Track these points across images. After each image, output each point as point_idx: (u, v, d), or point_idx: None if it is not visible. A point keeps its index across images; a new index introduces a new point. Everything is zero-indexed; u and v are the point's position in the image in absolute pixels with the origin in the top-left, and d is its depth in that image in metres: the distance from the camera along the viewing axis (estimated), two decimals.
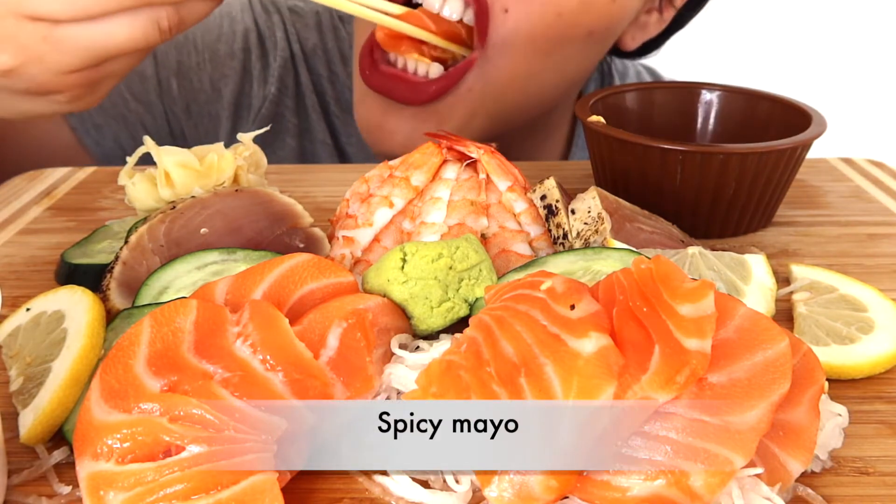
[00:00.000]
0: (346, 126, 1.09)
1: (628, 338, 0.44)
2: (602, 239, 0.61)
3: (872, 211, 0.82)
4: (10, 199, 0.86)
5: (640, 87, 0.88)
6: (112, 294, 0.58)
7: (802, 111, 0.78)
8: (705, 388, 0.43)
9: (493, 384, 0.43)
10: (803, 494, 0.45)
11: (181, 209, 0.63)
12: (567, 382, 0.41)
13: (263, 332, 0.46)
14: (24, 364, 0.52)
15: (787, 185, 0.77)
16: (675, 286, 0.46)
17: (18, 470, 0.47)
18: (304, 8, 1.11)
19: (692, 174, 0.72)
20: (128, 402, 0.43)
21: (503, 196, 0.67)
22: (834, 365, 0.54)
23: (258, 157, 0.74)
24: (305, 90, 1.08)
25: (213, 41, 1.08)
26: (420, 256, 0.55)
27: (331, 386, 0.46)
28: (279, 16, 1.09)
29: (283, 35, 1.08)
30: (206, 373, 0.44)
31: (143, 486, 0.40)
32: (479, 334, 0.46)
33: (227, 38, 1.08)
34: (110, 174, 0.93)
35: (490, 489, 0.41)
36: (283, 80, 1.07)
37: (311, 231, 0.68)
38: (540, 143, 1.07)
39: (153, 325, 0.46)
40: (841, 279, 0.63)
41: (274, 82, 1.07)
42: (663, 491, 0.40)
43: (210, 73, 1.07)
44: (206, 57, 1.08)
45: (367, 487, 0.45)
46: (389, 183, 0.67)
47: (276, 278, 0.52)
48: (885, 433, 0.50)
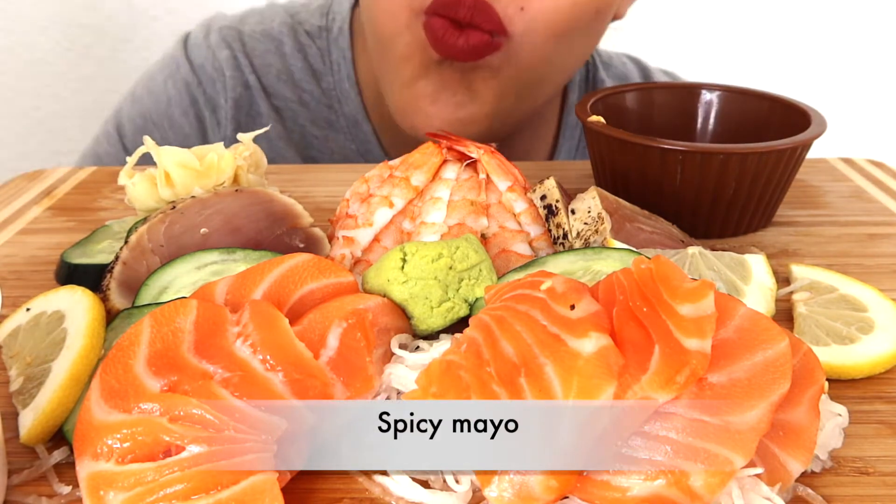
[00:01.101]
0: (326, 142, 1.09)
1: (628, 338, 0.44)
2: (602, 239, 0.61)
3: (872, 211, 0.82)
4: (10, 199, 0.86)
5: (640, 87, 0.88)
6: (112, 294, 0.58)
7: (802, 111, 0.78)
8: (705, 388, 0.43)
9: (493, 384, 0.43)
10: (803, 494, 0.45)
11: (181, 209, 0.63)
12: (567, 382, 0.41)
13: (263, 332, 0.46)
14: (24, 364, 0.52)
15: (787, 185, 0.77)
16: (675, 286, 0.46)
17: (18, 470, 0.47)
18: (265, 32, 1.09)
19: (692, 174, 0.72)
20: (128, 402, 0.43)
21: (503, 196, 0.67)
22: (834, 365, 0.54)
23: (258, 157, 0.74)
24: (267, 120, 1.08)
25: (166, 108, 1.09)
26: (420, 256, 0.55)
27: (331, 386, 0.46)
28: (229, 51, 1.08)
29: (233, 73, 1.07)
30: (206, 373, 0.44)
31: (143, 486, 0.40)
32: (479, 334, 0.46)
33: (176, 99, 1.08)
34: (110, 174, 0.93)
35: (490, 489, 0.41)
36: (238, 119, 1.07)
37: (311, 231, 0.68)
38: (531, 134, 1.08)
39: (153, 325, 0.46)
40: (841, 279, 0.63)
41: (228, 123, 1.07)
42: (663, 491, 0.40)
43: (173, 139, 1.08)
44: (167, 125, 1.09)
45: (367, 487, 0.45)
46: (389, 183, 0.67)
47: (276, 278, 0.52)
48: (885, 433, 0.50)
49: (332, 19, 1.08)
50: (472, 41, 0.83)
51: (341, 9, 1.09)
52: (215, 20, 1.12)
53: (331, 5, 1.10)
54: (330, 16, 1.08)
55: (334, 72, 1.06)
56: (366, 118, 1.06)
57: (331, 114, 1.07)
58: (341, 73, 1.06)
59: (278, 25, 1.09)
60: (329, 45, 1.07)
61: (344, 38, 1.06)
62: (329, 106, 1.07)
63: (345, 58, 1.06)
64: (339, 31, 1.07)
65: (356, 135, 1.07)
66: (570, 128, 1.09)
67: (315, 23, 1.09)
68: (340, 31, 1.07)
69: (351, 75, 1.06)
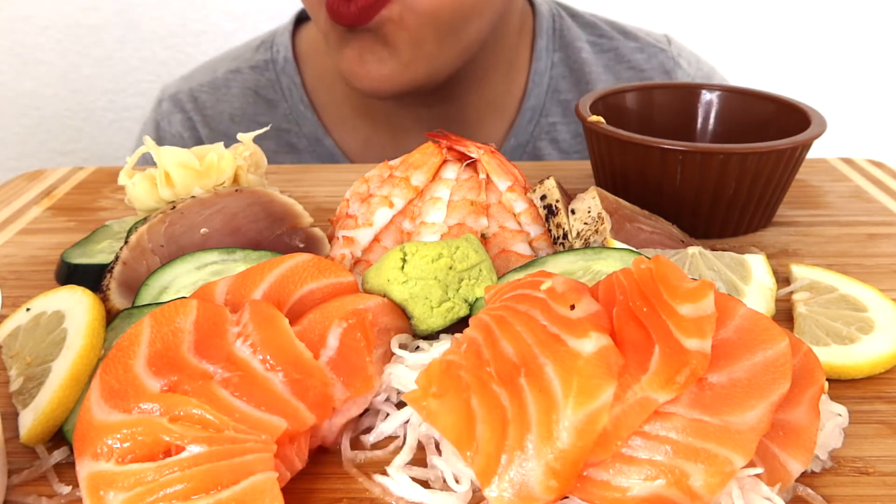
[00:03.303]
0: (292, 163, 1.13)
1: (628, 338, 0.44)
2: (602, 239, 0.61)
3: (872, 211, 0.82)
4: (10, 199, 0.86)
5: (640, 87, 0.88)
6: (112, 294, 0.58)
7: (802, 111, 0.78)
8: (705, 388, 0.43)
9: (493, 384, 0.43)
10: (803, 494, 0.45)
11: (181, 209, 0.63)
12: (567, 382, 0.41)
13: (263, 332, 0.46)
14: (24, 364, 0.52)
15: (787, 185, 0.77)
16: (675, 286, 0.46)
17: (18, 470, 0.47)
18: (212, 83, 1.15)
19: (692, 174, 0.72)
20: (128, 402, 0.43)
21: (503, 196, 0.67)
22: (834, 365, 0.54)
23: (258, 157, 0.74)
24: None
25: None
26: (420, 256, 0.55)
27: (331, 386, 0.46)
28: (182, 114, 1.15)
29: (189, 132, 1.14)
30: (206, 373, 0.44)
31: (143, 486, 0.40)
32: (479, 334, 0.46)
33: None
34: (110, 174, 0.93)
35: (490, 489, 0.41)
36: None
37: (311, 231, 0.68)
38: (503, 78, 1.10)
39: (153, 325, 0.46)
40: (841, 279, 0.63)
41: None
42: (663, 491, 0.40)
43: None
44: None
45: (367, 487, 0.45)
46: (389, 183, 0.67)
47: (276, 278, 0.52)
48: (885, 433, 0.50)
49: (276, 51, 1.14)
50: (361, 3, 0.88)
51: (282, 39, 1.14)
52: (167, 89, 1.19)
53: (273, 39, 1.16)
54: (274, 48, 1.14)
55: (287, 97, 1.12)
56: (326, 134, 1.11)
57: (291, 136, 1.12)
58: (294, 98, 1.12)
59: (223, 74, 1.15)
60: (278, 76, 1.13)
61: (290, 65, 1.12)
62: (288, 130, 1.12)
63: (295, 83, 1.12)
64: (285, 60, 1.13)
65: (319, 151, 1.11)
66: (539, 74, 1.11)
67: (260, 57, 1.15)
68: (286, 59, 1.13)
69: (304, 98, 1.11)
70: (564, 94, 1.12)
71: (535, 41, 1.13)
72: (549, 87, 1.12)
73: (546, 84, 1.12)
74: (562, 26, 1.15)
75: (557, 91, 1.12)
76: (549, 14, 1.14)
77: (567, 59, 1.13)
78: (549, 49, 1.12)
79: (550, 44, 1.12)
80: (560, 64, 1.13)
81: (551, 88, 1.12)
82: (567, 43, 1.14)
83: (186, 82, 1.18)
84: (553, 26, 1.14)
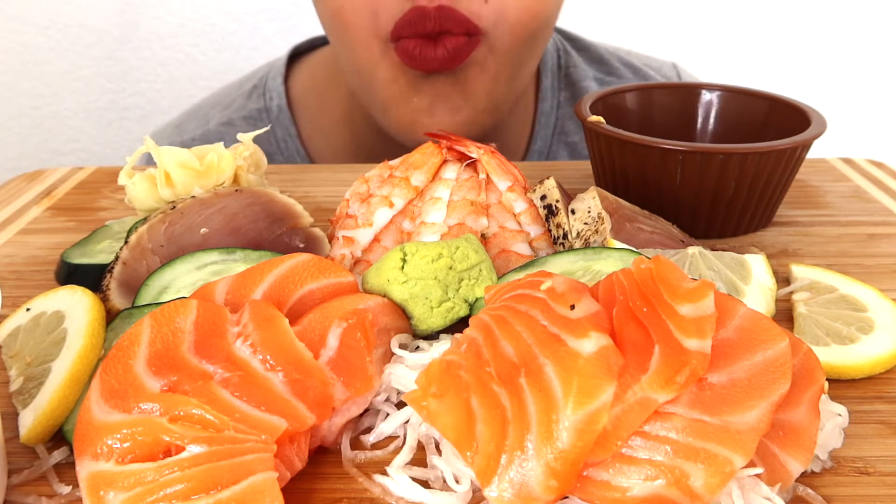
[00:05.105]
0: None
1: (628, 338, 0.44)
2: (602, 239, 0.61)
3: (872, 211, 0.82)
4: (10, 199, 0.86)
5: (640, 87, 0.88)
6: (112, 294, 0.58)
7: (802, 111, 0.78)
8: (705, 388, 0.43)
9: (493, 384, 0.43)
10: (803, 494, 0.45)
11: (181, 209, 0.63)
12: (567, 382, 0.41)
13: (263, 332, 0.46)
14: (24, 364, 0.52)
15: (787, 185, 0.77)
16: (675, 286, 0.46)
17: (18, 470, 0.47)
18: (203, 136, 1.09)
19: (692, 174, 0.72)
20: (128, 402, 0.43)
21: (503, 196, 0.67)
22: (834, 365, 0.54)
23: (258, 157, 0.74)
24: None
25: None
26: (420, 256, 0.55)
27: (331, 386, 0.46)
28: None
29: None
30: (206, 373, 0.44)
31: (143, 486, 0.40)
32: (479, 334, 0.46)
33: None
34: (110, 174, 0.93)
35: (490, 489, 0.41)
36: None
37: (311, 231, 0.68)
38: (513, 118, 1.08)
39: (153, 325, 0.46)
40: (841, 279, 0.63)
41: None
42: (663, 491, 0.40)
43: None
44: None
45: (367, 487, 0.45)
46: (389, 183, 0.67)
47: (276, 278, 0.52)
48: (885, 433, 0.50)
49: (270, 98, 1.08)
50: (451, 46, 0.83)
51: (275, 84, 1.08)
52: (157, 139, 1.13)
53: (265, 84, 1.09)
54: (267, 95, 1.08)
55: (283, 150, 1.07)
56: None
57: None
58: (290, 150, 1.07)
59: (215, 126, 1.09)
60: (273, 127, 1.07)
61: (284, 114, 1.06)
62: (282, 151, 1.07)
63: (290, 135, 1.06)
64: (279, 109, 1.07)
65: None
66: (545, 115, 1.09)
67: (253, 106, 1.08)
68: (279, 108, 1.07)
69: (300, 149, 1.06)
70: (571, 137, 1.09)
71: (541, 80, 1.09)
72: (556, 129, 1.09)
73: (552, 125, 1.09)
74: (567, 63, 1.11)
75: (564, 133, 1.09)
76: (555, 50, 1.11)
77: (573, 98, 1.09)
78: (554, 88, 1.09)
79: (556, 82, 1.09)
80: (566, 104, 1.09)
81: (557, 130, 1.08)
82: (573, 81, 1.10)
83: (178, 134, 1.12)
84: (558, 63, 1.11)
